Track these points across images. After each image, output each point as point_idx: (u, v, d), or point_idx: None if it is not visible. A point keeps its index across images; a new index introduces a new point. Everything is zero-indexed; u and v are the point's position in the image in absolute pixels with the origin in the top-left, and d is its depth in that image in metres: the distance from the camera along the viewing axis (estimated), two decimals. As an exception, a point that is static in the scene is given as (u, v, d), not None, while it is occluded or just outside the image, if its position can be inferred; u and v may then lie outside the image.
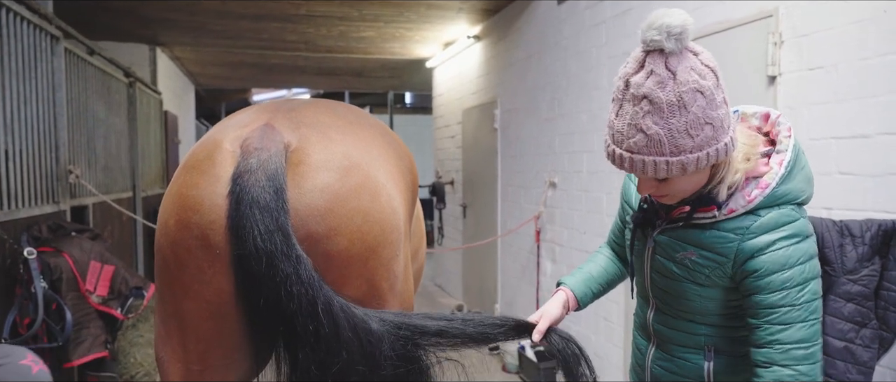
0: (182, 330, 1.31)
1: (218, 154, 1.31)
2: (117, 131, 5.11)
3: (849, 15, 2.30)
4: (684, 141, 1.11)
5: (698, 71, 1.12)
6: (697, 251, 1.29)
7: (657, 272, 1.39)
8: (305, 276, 1.18)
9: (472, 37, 6.40)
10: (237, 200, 1.20)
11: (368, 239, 1.31)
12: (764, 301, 1.21)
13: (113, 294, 3.06)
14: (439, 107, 8.04)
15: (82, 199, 3.95)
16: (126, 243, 5.02)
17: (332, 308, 1.19)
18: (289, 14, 5.86)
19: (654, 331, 1.46)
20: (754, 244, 1.21)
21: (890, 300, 1.99)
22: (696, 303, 1.33)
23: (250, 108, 1.53)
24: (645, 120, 1.11)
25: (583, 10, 4.22)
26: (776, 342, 1.21)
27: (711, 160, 1.16)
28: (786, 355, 1.20)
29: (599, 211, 4.06)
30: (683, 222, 1.31)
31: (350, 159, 1.35)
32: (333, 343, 1.19)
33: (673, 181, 1.21)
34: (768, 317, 1.21)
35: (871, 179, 2.24)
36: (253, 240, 1.17)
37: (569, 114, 4.47)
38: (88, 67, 4.29)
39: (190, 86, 10.52)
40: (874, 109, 2.21)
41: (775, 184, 1.23)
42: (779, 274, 1.20)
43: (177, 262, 1.28)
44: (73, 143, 3.86)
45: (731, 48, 2.81)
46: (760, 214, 1.23)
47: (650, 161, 1.14)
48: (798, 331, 1.20)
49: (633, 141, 1.14)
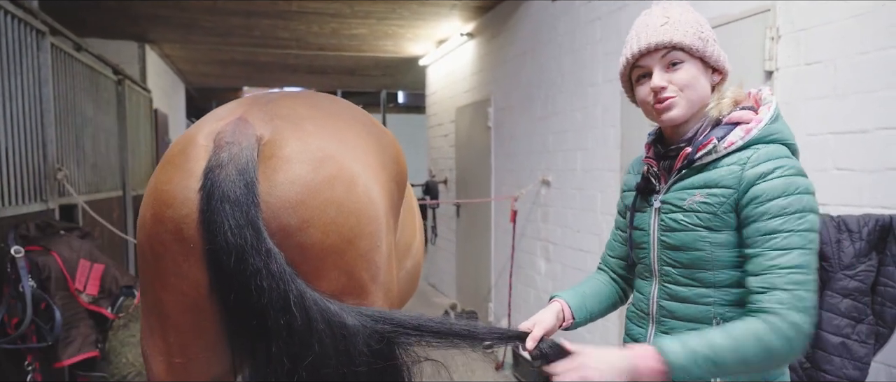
0: (162, 324, 1.34)
1: (191, 149, 1.32)
2: (106, 129, 5.04)
3: (846, 9, 2.29)
4: (697, 28, 1.36)
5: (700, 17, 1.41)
6: (705, 191, 1.33)
7: (665, 233, 1.39)
8: (276, 270, 1.18)
9: (466, 34, 6.38)
10: (208, 195, 1.22)
11: (344, 230, 1.31)
12: (763, 227, 1.24)
13: (103, 293, 3.01)
14: (432, 106, 8.02)
15: (71, 198, 3.89)
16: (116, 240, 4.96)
17: (305, 301, 1.20)
18: (280, 11, 5.81)
19: (658, 310, 1.44)
20: (757, 171, 1.26)
21: (887, 295, 1.99)
22: (706, 254, 1.32)
23: (230, 102, 1.54)
24: (667, 10, 1.37)
25: (578, 7, 4.21)
26: (775, 267, 1.21)
27: (716, 54, 1.37)
28: (785, 278, 1.20)
29: (593, 210, 4.05)
30: (687, 168, 1.36)
31: (324, 150, 1.35)
32: (306, 337, 1.19)
33: (685, 68, 1.34)
34: (767, 243, 1.23)
35: (868, 175, 2.23)
36: (223, 235, 1.18)
37: (563, 112, 4.45)
38: (76, 64, 4.23)
39: (180, 84, 10.43)
40: (872, 104, 2.21)
41: (767, 121, 1.31)
42: (779, 200, 1.23)
43: (154, 256, 1.31)
44: (60, 141, 3.80)
45: (728, 43, 2.79)
46: (758, 147, 1.29)
47: (674, 29, 1.34)
48: (797, 257, 1.20)
49: (654, 23, 1.37)
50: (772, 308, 1.20)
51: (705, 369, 1.19)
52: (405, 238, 1.92)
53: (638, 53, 1.37)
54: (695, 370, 1.19)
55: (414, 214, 2.13)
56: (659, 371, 1.20)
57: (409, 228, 1.98)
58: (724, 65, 1.39)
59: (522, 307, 5.13)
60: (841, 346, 2.01)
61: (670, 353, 1.20)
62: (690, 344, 1.21)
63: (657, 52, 1.36)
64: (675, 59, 1.35)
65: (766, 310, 1.20)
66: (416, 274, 2.23)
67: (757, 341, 1.19)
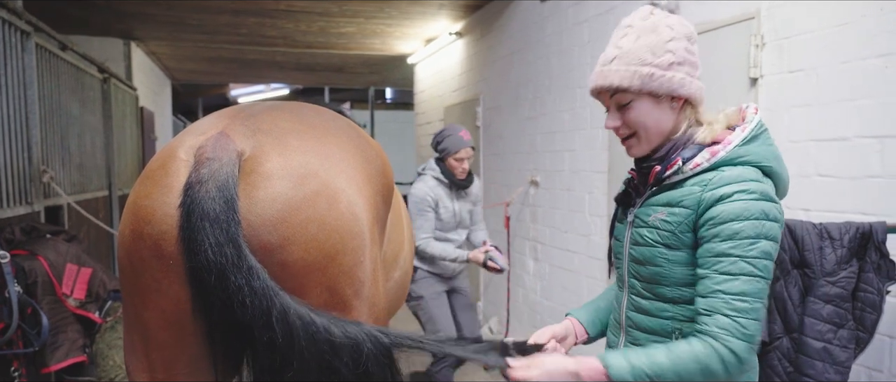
0: (145, 340, 1.32)
1: (171, 163, 1.31)
2: (92, 129, 4.99)
3: (829, 18, 2.33)
4: (646, 55, 1.29)
5: (676, 21, 1.33)
6: (667, 209, 1.34)
7: (632, 246, 1.42)
8: (258, 287, 1.18)
9: (454, 33, 6.38)
10: (188, 212, 1.21)
11: (326, 247, 1.30)
12: (713, 249, 1.24)
13: (91, 297, 3.00)
14: (421, 104, 8.02)
15: (56, 199, 3.86)
16: (102, 243, 4.93)
17: (288, 317, 1.19)
18: (268, 9, 5.78)
19: (626, 320, 1.47)
20: (715, 194, 1.26)
21: (867, 301, 2.03)
22: (664, 270, 1.34)
23: (212, 114, 1.53)
24: (622, 40, 1.33)
25: (566, 8, 4.23)
26: (720, 291, 1.23)
27: (666, 85, 1.30)
28: (729, 305, 1.22)
29: (581, 210, 4.08)
30: (656, 186, 1.38)
31: (306, 166, 1.34)
32: (287, 352, 1.20)
33: (634, 109, 1.33)
34: (716, 266, 1.24)
35: (849, 181, 2.28)
36: (204, 253, 1.17)
37: (551, 113, 4.48)
38: (61, 63, 4.18)
39: (166, 81, 10.34)
40: (853, 112, 2.25)
41: (737, 143, 1.30)
42: (731, 224, 1.23)
43: (133, 272, 1.29)
44: (46, 142, 3.76)
45: (714, 49, 2.84)
46: (723, 169, 1.29)
47: (615, 69, 1.31)
48: (743, 284, 1.21)
49: (607, 56, 1.35)
50: (713, 331, 1.22)
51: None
52: (392, 249, 1.92)
53: (592, 93, 1.40)
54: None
55: (402, 224, 2.13)
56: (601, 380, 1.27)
57: (397, 239, 1.99)
58: (679, 91, 1.31)
59: (511, 306, 5.16)
60: (823, 351, 2.05)
61: (613, 367, 1.25)
62: (633, 360, 1.25)
63: (605, 93, 1.36)
64: (621, 100, 1.34)
65: (708, 333, 1.23)
66: (405, 283, 2.23)
67: (696, 362, 1.22)
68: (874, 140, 2.18)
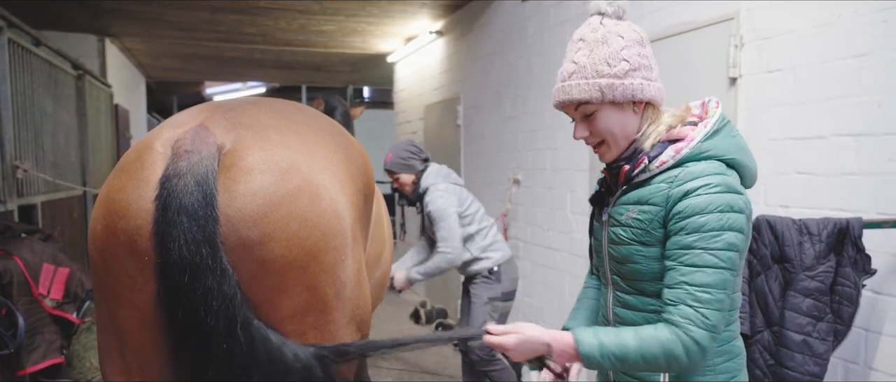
0: (119, 341, 1.27)
1: (148, 156, 1.26)
2: (66, 126, 4.88)
3: (807, 20, 2.39)
4: (602, 67, 1.35)
5: (625, 28, 1.38)
6: (638, 208, 1.38)
7: (612, 244, 1.46)
8: (228, 292, 1.15)
9: (435, 32, 6.38)
10: (164, 205, 1.16)
11: (307, 244, 1.26)
12: (680, 241, 1.29)
13: (68, 297, 2.94)
14: (401, 103, 8.00)
15: (30, 199, 3.77)
16: (77, 242, 4.82)
17: (250, 328, 1.17)
18: (248, 6, 5.72)
19: (613, 316, 1.50)
20: (681, 189, 1.30)
21: (844, 294, 2.09)
22: (642, 266, 1.38)
23: (191, 108, 1.48)
24: (577, 54, 1.39)
25: (547, 8, 4.26)
26: (685, 283, 1.27)
27: (626, 92, 1.35)
28: (693, 296, 1.26)
29: (563, 209, 4.12)
30: (626, 185, 1.42)
31: (288, 161, 1.30)
32: (249, 363, 1.17)
33: (599, 118, 1.38)
34: (681, 258, 1.28)
35: (825, 178, 2.33)
36: (178, 250, 1.13)
37: (532, 112, 4.51)
38: (34, 59, 4.08)
39: (140, 78, 10.16)
40: (830, 111, 2.31)
41: (700, 139, 1.34)
42: (696, 218, 1.27)
43: (106, 269, 1.24)
44: (19, 139, 3.67)
45: (694, 49, 2.89)
46: (688, 166, 1.34)
47: (575, 84, 1.37)
48: (707, 276, 1.26)
49: (566, 72, 1.40)
50: (677, 321, 1.27)
51: (611, 363, 1.31)
52: (375, 249, 1.89)
53: (556, 107, 1.45)
54: (602, 361, 1.31)
55: (382, 224, 2.11)
56: (571, 355, 1.35)
57: (379, 239, 1.97)
58: (639, 96, 1.37)
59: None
60: (803, 344, 2.10)
61: (583, 343, 1.33)
62: (603, 339, 1.32)
63: (569, 106, 1.42)
64: (585, 111, 1.40)
65: (672, 322, 1.28)
66: (385, 281, 2.23)
67: (660, 347, 1.28)
68: (850, 138, 2.24)
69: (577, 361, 1.38)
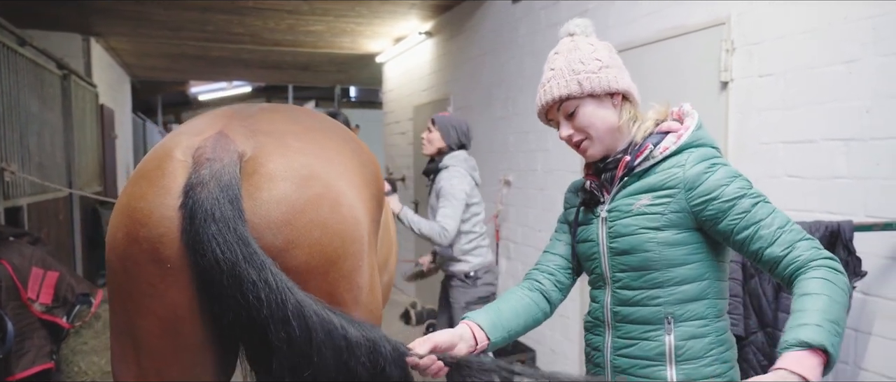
0: (136, 348, 1.27)
1: (168, 163, 1.26)
2: (51, 127, 4.82)
3: (798, 25, 2.42)
4: (577, 66, 1.47)
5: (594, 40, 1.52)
6: (650, 194, 1.42)
7: (614, 239, 1.47)
8: (273, 281, 1.15)
9: (424, 33, 6.38)
10: (190, 214, 1.17)
11: (328, 251, 1.28)
12: (737, 208, 1.33)
13: (58, 301, 2.90)
14: (390, 103, 7.99)
15: (16, 200, 3.71)
16: (64, 245, 4.76)
17: (304, 311, 1.17)
18: (237, 6, 5.68)
19: (612, 316, 1.50)
20: (696, 169, 1.38)
21: (835, 296, 2.12)
22: (654, 254, 1.40)
23: (206, 114, 1.48)
24: (554, 63, 1.51)
25: (538, 9, 4.28)
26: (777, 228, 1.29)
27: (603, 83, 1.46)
28: (792, 233, 1.29)
29: (554, 210, 4.14)
30: (628, 176, 1.46)
31: (309, 168, 1.31)
32: (306, 348, 1.16)
33: (581, 113, 1.46)
34: (753, 218, 1.32)
35: (816, 182, 2.37)
36: (212, 252, 1.13)
37: (523, 113, 4.53)
38: (20, 59, 4.03)
39: (125, 77, 10.05)
40: (820, 115, 2.35)
41: (693, 128, 1.45)
42: (731, 185, 1.35)
43: (126, 277, 1.24)
44: (4, 140, 3.62)
45: (686, 53, 2.92)
46: (691, 151, 1.42)
47: (555, 84, 1.47)
48: (779, 216, 1.32)
49: (545, 79, 1.51)
50: (807, 257, 1.26)
51: (838, 332, 1.14)
52: (382, 253, 1.91)
53: (540, 114, 1.55)
54: (836, 339, 1.13)
55: (389, 229, 2.12)
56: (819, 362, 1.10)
57: (387, 244, 1.98)
58: (615, 87, 1.46)
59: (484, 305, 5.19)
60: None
61: (815, 340, 1.10)
62: (814, 320, 1.14)
63: (552, 107, 1.50)
64: (568, 108, 1.48)
65: (805, 262, 1.26)
66: (390, 287, 2.23)
67: (830, 285, 1.20)
68: (840, 142, 2.28)
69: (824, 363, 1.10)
